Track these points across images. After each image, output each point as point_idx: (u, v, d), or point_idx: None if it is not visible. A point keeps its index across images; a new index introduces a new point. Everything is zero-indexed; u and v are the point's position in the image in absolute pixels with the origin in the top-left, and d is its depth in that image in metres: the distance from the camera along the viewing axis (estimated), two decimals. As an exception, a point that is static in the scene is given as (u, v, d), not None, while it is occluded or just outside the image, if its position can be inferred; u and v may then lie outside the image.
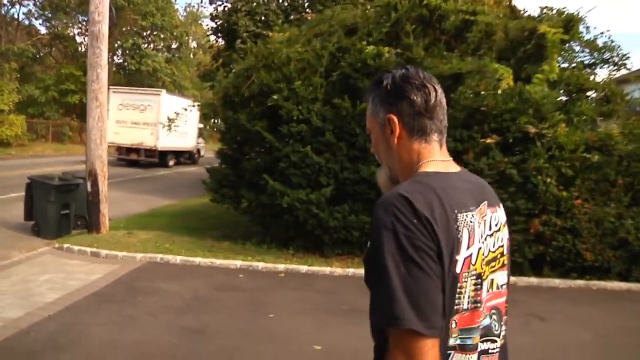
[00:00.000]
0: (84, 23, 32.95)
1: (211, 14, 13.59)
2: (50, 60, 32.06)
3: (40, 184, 8.24)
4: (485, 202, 1.12)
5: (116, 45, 31.78)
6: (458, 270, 1.01)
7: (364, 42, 6.61)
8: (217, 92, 7.31)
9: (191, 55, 38.97)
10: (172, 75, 31.89)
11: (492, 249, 1.11)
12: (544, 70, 6.29)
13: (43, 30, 32.50)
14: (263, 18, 11.97)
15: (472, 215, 1.06)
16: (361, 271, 1.11)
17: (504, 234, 1.17)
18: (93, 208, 7.76)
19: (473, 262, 1.04)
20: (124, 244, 7.24)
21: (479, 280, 1.05)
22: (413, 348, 0.93)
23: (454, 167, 1.16)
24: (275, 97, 6.39)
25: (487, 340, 1.10)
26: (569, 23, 7.27)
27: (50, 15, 31.28)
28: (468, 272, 1.03)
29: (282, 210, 6.63)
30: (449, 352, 1.03)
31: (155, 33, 30.84)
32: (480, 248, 1.06)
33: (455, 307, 1.02)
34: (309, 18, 7.84)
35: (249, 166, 6.95)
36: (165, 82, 32.16)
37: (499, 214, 1.17)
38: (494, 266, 1.12)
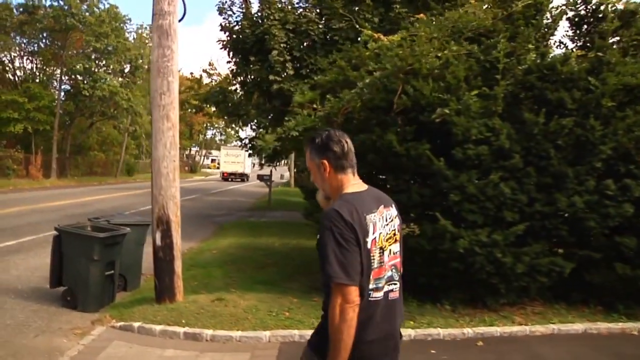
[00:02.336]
0: (24, 45, 28.94)
1: (220, 24, 11.60)
2: (-14, 86, 27.57)
3: (76, 238, 5.86)
4: (382, 205, 1.86)
5: (64, 69, 28.03)
6: (369, 246, 1.75)
7: (530, 45, 5.20)
8: (335, 108, 5.50)
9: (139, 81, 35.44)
10: (129, 100, 28.52)
11: (388, 232, 1.85)
12: None
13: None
14: (294, 27, 10.25)
15: (375, 214, 1.79)
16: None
17: (395, 222, 1.90)
18: (165, 267, 5.54)
19: (377, 241, 1.78)
20: (227, 318, 5.09)
21: (382, 250, 1.80)
22: (344, 292, 1.66)
23: (363, 187, 1.89)
24: (446, 110, 4.75)
25: (391, 284, 1.84)
26: None
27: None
28: (375, 247, 1.77)
29: (447, 256, 4.94)
30: (369, 292, 1.76)
31: (111, 55, 27.41)
32: (380, 233, 1.80)
33: (371, 267, 1.76)
34: (419, 19, 6.30)
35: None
36: (122, 107, 28.68)
37: (391, 211, 1.90)
38: (390, 241, 1.85)
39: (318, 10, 10.77)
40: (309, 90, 5.50)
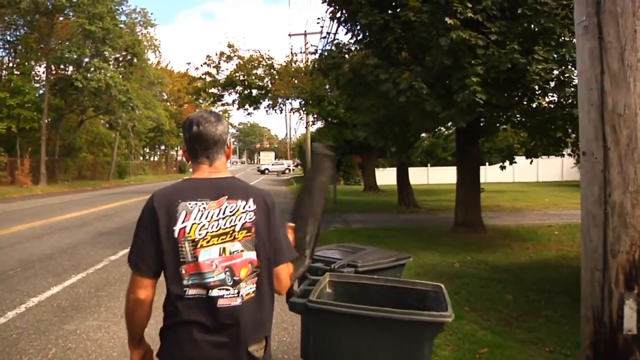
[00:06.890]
0: (7, 31, 23.98)
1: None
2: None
3: (383, 329, 2.31)
4: (226, 196, 1.56)
5: (50, 59, 23.28)
6: (176, 235, 1.50)
7: None
8: None
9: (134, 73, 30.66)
10: (127, 92, 24.05)
11: (224, 227, 1.53)
12: None
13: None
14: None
15: (195, 203, 1.52)
16: None
17: (238, 218, 1.54)
18: None
19: (187, 231, 1.50)
20: None
21: (194, 243, 1.50)
22: (131, 278, 1.55)
23: (218, 175, 1.61)
24: None
25: (222, 289, 1.50)
26: None
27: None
28: (184, 238, 1.50)
29: None
30: (184, 289, 1.49)
31: (105, 42, 22.74)
32: (195, 224, 1.51)
33: (182, 259, 1.49)
34: None
35: None
36: (119, 101, 24.12)
37: (238, 205, 1.56)
38: (225, 238, 1.53)
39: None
40: None
